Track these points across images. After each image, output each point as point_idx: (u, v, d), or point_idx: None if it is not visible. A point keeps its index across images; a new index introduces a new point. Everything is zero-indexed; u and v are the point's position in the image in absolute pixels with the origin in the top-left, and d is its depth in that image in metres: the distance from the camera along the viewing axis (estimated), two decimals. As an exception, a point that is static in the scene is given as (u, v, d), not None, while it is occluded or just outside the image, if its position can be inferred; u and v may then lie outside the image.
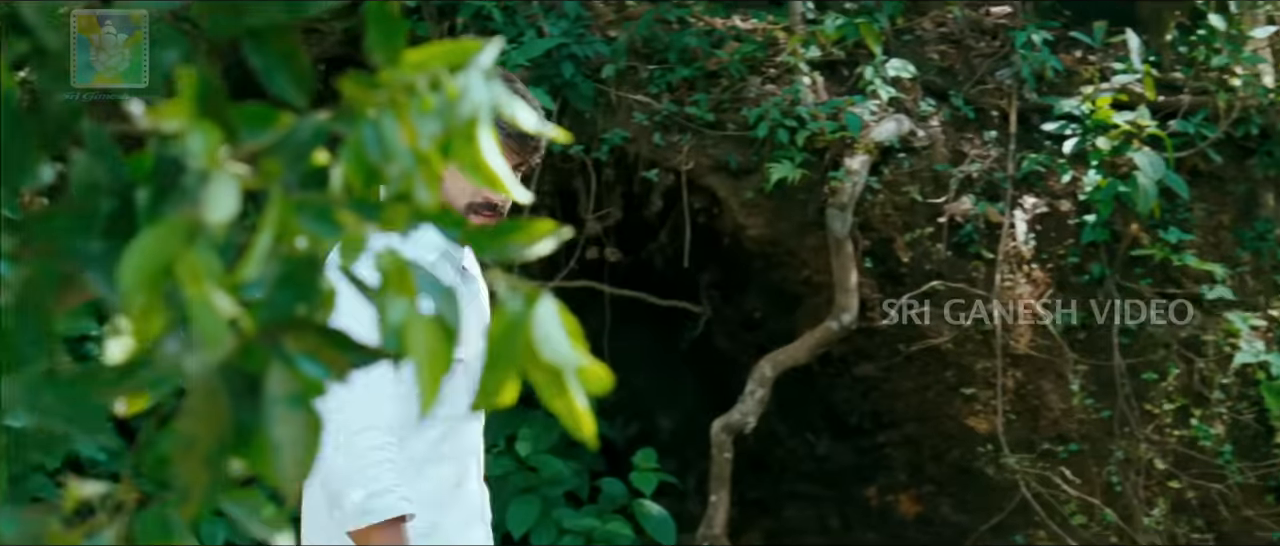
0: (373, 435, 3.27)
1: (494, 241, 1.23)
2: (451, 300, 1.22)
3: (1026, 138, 6.89)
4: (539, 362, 1.19)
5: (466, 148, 1.22)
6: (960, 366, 6.68)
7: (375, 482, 3.24)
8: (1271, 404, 6.57)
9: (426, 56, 1.23)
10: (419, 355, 1.18)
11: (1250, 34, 6.88)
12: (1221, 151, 6.84)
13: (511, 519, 6.74)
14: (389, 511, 3.24)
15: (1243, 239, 6.88)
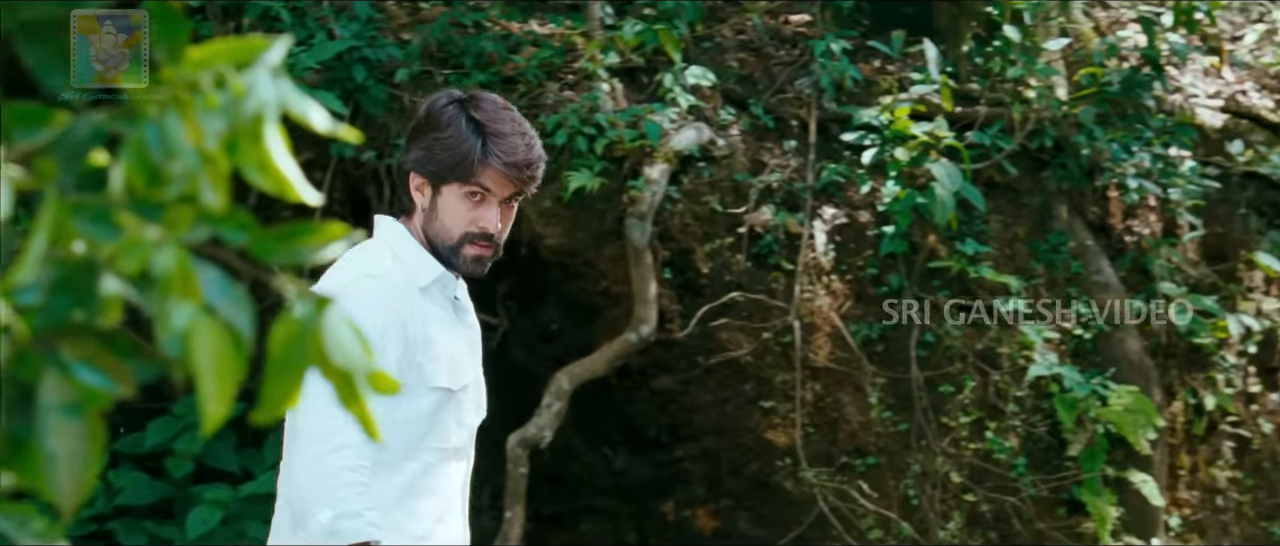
0: (346, 455, 3.21)
1: (284, 244, 1.22)
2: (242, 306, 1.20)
3: (826, 148, 7.00)
4: (329, 369, 1.18)
5: (253, 147, 1.21)
6: (759, 379, 6.76)
7: (344, 504, 3.18)
8: (1064, 416, 6.76)
9: (211, 54, 1.22)
10: (204, 362, 1.16)
11: (1044, 46, 7.08)
12: (1017, 163, 7.03)
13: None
14: (356, 535, 3.19)
15: (1037, 251, 7.07)
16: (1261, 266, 7.45)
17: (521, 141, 3.41)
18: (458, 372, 3.42)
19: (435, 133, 3.43)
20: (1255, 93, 7.87)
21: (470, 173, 3.38)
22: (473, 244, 3.41)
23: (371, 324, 3.27)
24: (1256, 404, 7.49)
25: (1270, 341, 7.51)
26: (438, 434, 3.39)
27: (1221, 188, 7.41)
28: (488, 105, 3.45)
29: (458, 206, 3.41)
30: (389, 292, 3.34)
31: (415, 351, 3.35)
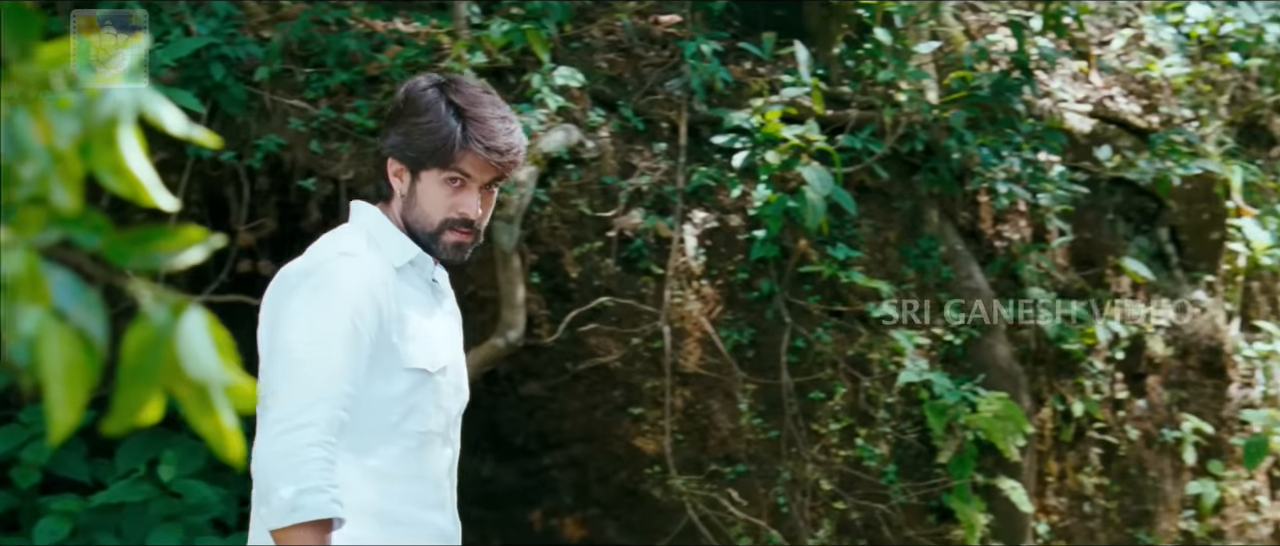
0: (310, 432, 3.20)
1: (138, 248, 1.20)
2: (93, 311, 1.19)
3: (696, 150, 7.03)
4: (184, 378, 1.17)
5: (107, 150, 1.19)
6: (629, 385, 6.77)
7: (307, 480, 3.17)
8: (934, 423, 6.84)
9: (63, 52, 1.20)
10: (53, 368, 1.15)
11: (915, 49, 7.16)
12: (888, 167, 7.11)
13: (153, 549, 6.57)
14: (318, 511, 3.17)
15: (908, 256, 7.15)
16: (1129, 272, 7.60)
17: (502, 126, 3.41)
18: (435, 354, 3.41)
19: (414, 117, 3.41)
20: (1123, 98, 8.02)
21: (450, 158, 3.37)
22: (453, 230, 3.41)
23: (343, 302, 3.28)
24: (1123, 410, 7.63)
25: (1137, 347, 7.66)
26: (415, 417, 3.38)
27: (1090, 193, 7.54)
28: (468, 89, 3.45)
29: (437, 192, 3.40)
30: (362, 272, 3.33)
31: (390, 332, 3.34)
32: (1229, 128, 8.28)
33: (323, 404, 3.21)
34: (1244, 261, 8.12)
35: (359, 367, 3.28)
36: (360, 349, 3.28)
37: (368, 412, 3.32)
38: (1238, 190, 7.95)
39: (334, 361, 3.24)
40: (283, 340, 3.28)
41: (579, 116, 6.95)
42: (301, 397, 3.20)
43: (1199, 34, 8.12)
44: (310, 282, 3.30)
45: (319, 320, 3.27)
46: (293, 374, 3.23)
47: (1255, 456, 7.68)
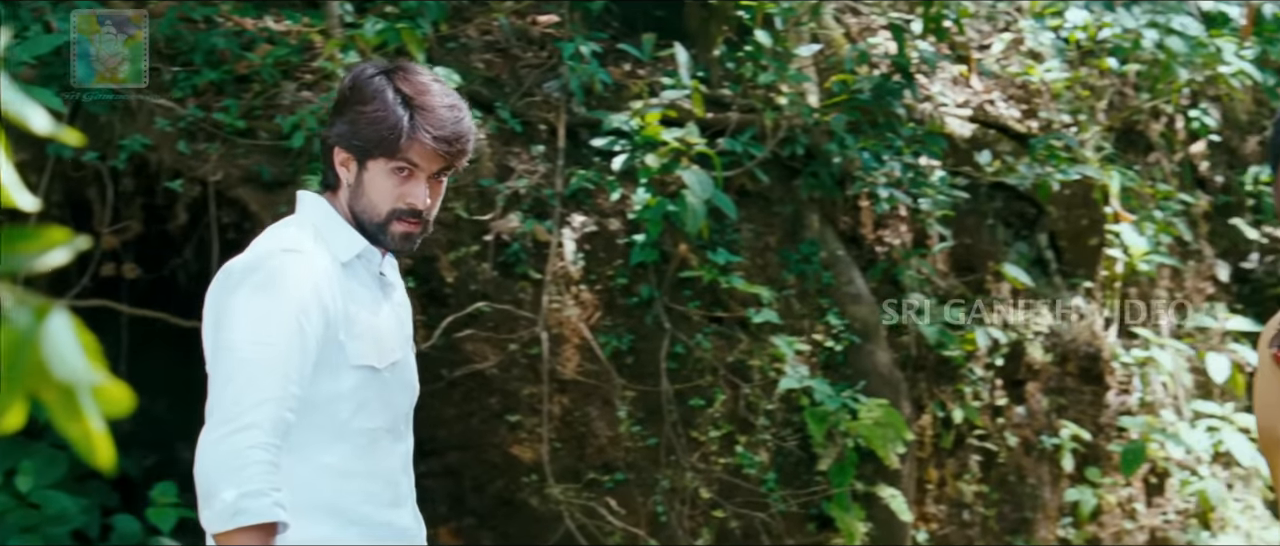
0: (254, 434, 3.17)
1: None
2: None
3: (575, 153, 7.03)
4: (50, 381, 1.14)
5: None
6: (505, 392, 6.75)
7: (249, 483, 3.13)
8: (814, 430, 6.88)
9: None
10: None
11: (795, 52, 7.21)
12: (768, 171, 7.14)
13: (12, 563, 6.46)
14: (261, 515, 3.13)
15: (788, 261, 7.19)
16: (1009, 278, 7.69)
17: (450, 114, 3.37)
18: (383, 350, 3.38)
19: (360, 105, 3.38)
20: (1003, 102, 8.12)
21: (397, 147, 3.34)
22: (401, 221, 3.37)
23: (288, 300, 3.25)
24: (1002, 417, 7.72)
25: (1017, 354, 7.75)
26: (364, 414, 3.35)
27: (970, 198, 7.62)
28: (416, 77, 3.40)
29: (384, 182, 3.37)
30: (308, 268, 3.30)
31: (337, 329, 3.31)
32: (1107, 133, 8.41)
33: (267, 405, 3.20)
34: (1122, 267, 8.25)
35: (305, 367, 3.26)
36: (305, 348, 3.26)
37: (315, 411, 3.30)
38: (1116, 196, 8.08)
39: (279, 361, 3.22)
40: (226, 339, 3.26)
41: (455, 118, 6.91)
42: (245, 399, 3.18)
43: (1078, 39, 8.25)
44: (254, 279, 3.28)
45: (263, 319, 3.25)
46: (236, 374, 3.22)
47: (1132, 463, 7.80)
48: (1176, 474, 8.21)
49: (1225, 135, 9.31)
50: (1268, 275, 9.20)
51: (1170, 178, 8.87)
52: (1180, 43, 7.95)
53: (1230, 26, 8.81)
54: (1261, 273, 9.21)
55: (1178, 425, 8.06)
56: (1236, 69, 8.17)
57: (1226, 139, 9.34)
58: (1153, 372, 8.19)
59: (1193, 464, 8.20)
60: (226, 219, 6.80)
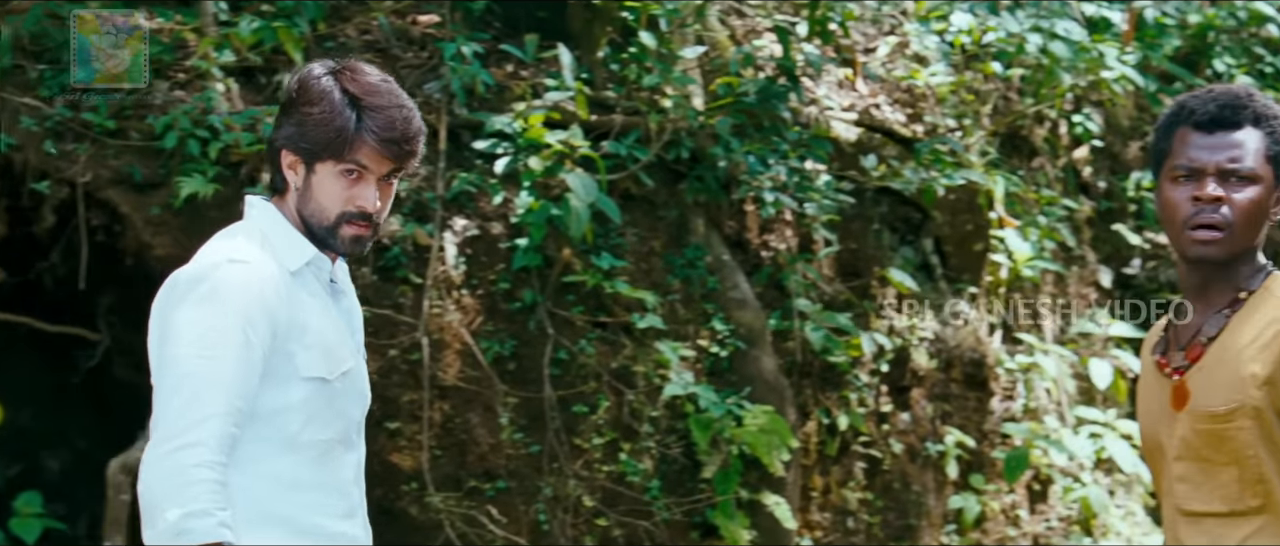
0: (198, 451, 3.14)
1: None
2: None
3: (457, 156, 7.02)
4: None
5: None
6: (385, 399, 6.72)
7: (194, 502, 3.10)
8: (699, 437, 6.92)
9: None
10: None
11: (680, 54, 7.24)
12: (653, 175, 7.17)
13: None
14: (205, 535, 3.10)
15: (673, 266, 7.22)
16: (894, 283, 7.77)
17: (400, 115, 3.35)
18: (334, 360, 3.35)
19: (307, 107, 3.34)
20: (888, 106, 8.21)
21: (345, 149, 3.31)
22: (350, 224, 3.35)
23: (234, 312, 3.22)
24: (887, 424, 7.80)
25: (902, 360, 7.84)
26: (315, 425, 3.32)
27: (856, 202, 7.70)
28: (364, 77, 3.37)
29: (333, 185, 3.34)
30: (255, 279, 3.26)
31: (286, 340, 3.29)
32: (992, 138, 8.53)
33: (212, 421, 3.18)
34: (1006, 273, 8.36)
35: (251, 380, 3.24)
36: (252, 361, 3.24)
37: (264, 423, 3.28)
38: (1000, 201, 8.20)
39: (224, 375, 3.20)
40: (171, 352, 3.23)
41: (333, 118, 6.87)
42: (189, 414, 3.17)
43: (962, 43, 8.35)
44: (200, 291, 3.24)
45: (209, 332, 3.22)
46: (181, 389, 3.20)
47: (1016, 470, 7.91)
48: (1059, 480, 8.34)
49: (1108, 140, 9.47)
50: (1150, 281, 9.37)
51: (1054, 183, 9.01)
52: (1063, 48, 8.08)
53: (1112, 31, 8.97)
54: (1143, 278, 9.38)
55: (1061, 432, 8.19)
56: (1119, 74, 8.32)
57: (1109, 144, 9.50)
58: (1037, 379, 8.31)
59: (1075, 470, 8.33)
60: (96, 221, 6.71)
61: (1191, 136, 3.42)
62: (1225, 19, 10.08)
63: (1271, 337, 3.32)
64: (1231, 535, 3.35)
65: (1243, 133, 3.40)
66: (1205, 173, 3.39)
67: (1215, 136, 3.40)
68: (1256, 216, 3.38)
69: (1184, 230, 3.39)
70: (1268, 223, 3.42)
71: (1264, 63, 10.15)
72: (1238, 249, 3.39)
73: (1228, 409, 3.33)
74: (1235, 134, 3.40)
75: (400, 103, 3.38)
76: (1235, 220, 3.37)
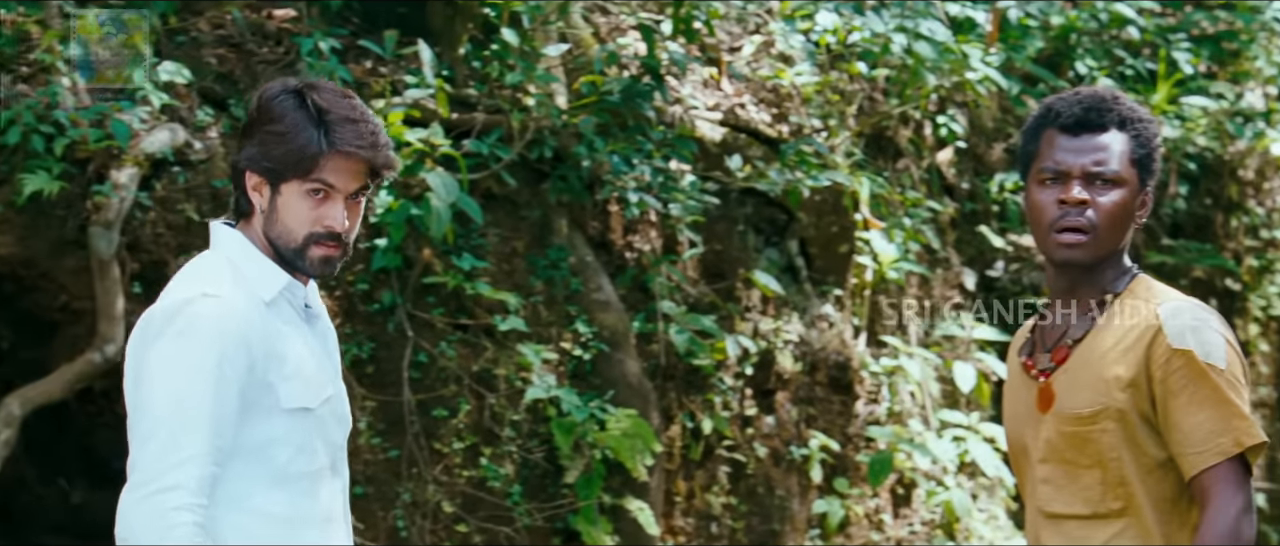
0: (179, 495, 3.14)
1: None
2: None
3: (313, 154, 6.98)
4: None
5: None
6: (238, 403, 6.69)
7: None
8: (561, 441, 6.95)
9: None
10: None
11: (543, 51, 7.27)
12: (516, 174, 7.19)
13: None
14: None
15: (536, 267, 7.25)
16: (759, 285, 7.86)
17: (366, 129, 3.33)
18: (315, 388, 3.35)
19: (269, 125, 3.32)
20: (753, 106, 8.29)
21: (311, 167, 3.30)
22: (319, 245, 3.34)
23: (208, 349, 3.21)
24: (752, 427, 7.88)
25: (767, 363, 7.92)
26: (303, 457, 3.32)
27: (720, 203, 7.77)
28: (327, 93, 3.35)
29: (299, 205, 3.33)
30: (228, 313, 3.25)
31: (266, 372, 3.28)
32: (857, 139, 8.65)
33: (190, 463, 3.17)
34: (871, 275, 8.48)
35: (229, 418, 3.23)
36: (229, 398, 3.23)
37: (251, 459, 3.27)
38: (865, 202, 8.31)
39: (202, 415, 3.20)
40: (146, 393, 3.23)
41: (186, 115, 6.84)
42: (168, 456, 3.16)
43: (828, 42, 8.46)
44: (173, 328, 3.24)
45: (184, 371, 3.21)
46: (157, 430, 3.20)
47: (879, 474, 8.02)
48: (923, 484, 8.47)
49: (972, 142, 9.63)
50: (1013, 283, 9.54)
51: (918, 184, 9.15)
52: (928, 48, 8.20)
53: (977, 32, 9.13)
54: (1007, 281, 9.55)
55: (925, 435, 8.31)
56: (982, 75, 8.46)
57: (973, 146, 9.66)
58: (901, 382, 8.44)
59: (939, 474, 8.47)
60: (-65, 219, 6.62)
61: (1058, 139, 3.50)
62: (1087, 21, 10.29)
63: (1135, 340, 3.41)
64: (1093, 537, 3.43)
65: (1108, 135, 3.49)
66: (1070, 175, 3.47)
67: (1080, 139, 3.49)
68: (1121, 219, 3.48)
69: (1050, 233, 3.48)
70: (1133, 225, 3.51)
71: (1125, 65, 10.38)
72: (1103, 252, 3.48)
73: (1092, 411, 3.42)
74: (1100, 136, 3.49)
75: (364, 117, 3.37)
76: (1100, 223, 3.46)
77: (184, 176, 6.75)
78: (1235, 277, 10.75)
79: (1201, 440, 3.36)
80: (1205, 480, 3.36)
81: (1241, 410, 3.38)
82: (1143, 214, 3.54)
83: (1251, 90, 10.99)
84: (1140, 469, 3.41)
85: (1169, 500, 3.42)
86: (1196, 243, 10.61)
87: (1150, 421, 3.41)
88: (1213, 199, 10.90)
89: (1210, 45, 10.75)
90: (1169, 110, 10.15)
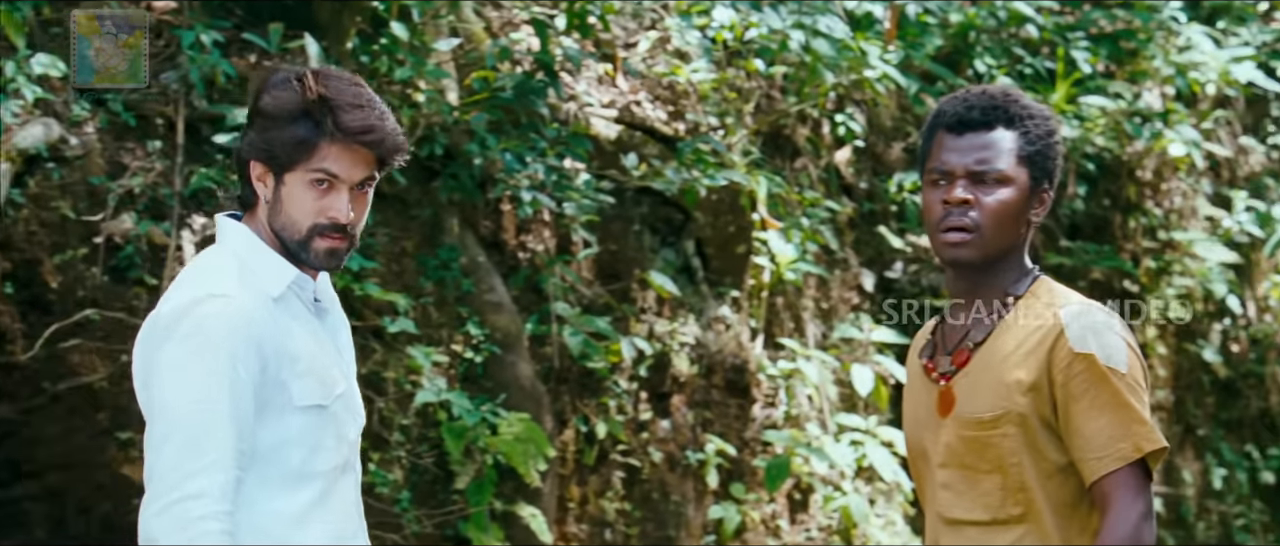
0: (204, 503, 3.12)
1: None
2: None
3: (196, 150, 6.94)
4: None
5: None
6: (116, 407, 6.63)
7: None
8: (452, 446, 6.94)
9: None
10: None
11: (434, 46, 7.25)
12: (405, 172, 7.17)
13: None
14: None
15: (426, 267, 7.23)
16: (655, 286, 7.88)
17: (370, 115, 3.29)
18: (328, 384, 3.32)
19: (270, 112, 3.29)
20: (649, 103, 8.31)
21: (313, 155, 3.26)
22: (323, 236, 3.29)
23: (221, 350, 3.18)
24: (647, 432, 7.90)
25: (662, 365, 7.94)
26: (319, 455, 3.29)
27: (616, 203, 7.78)
28: (331, 79, 3.31)
29: (303, 196, 3.28)
30: (237, 312, 3.22)
31: (278, 371, 3.25)
32: (754, 137, 8.69)
33: (213, 469, 3.14)
34: (769, 276, 8.52)
35: (246, 419, 3.20)
36: (245, 399, 3.20)
37: (266, 460, 3.25)
38: (763, 202, 8.35)
39: (220, 419, 3.16)
40: (160, 398, 3.19)
41: (60, 110, 6.77)
42: (187, 463, 3.13)
43: (724, 39, 8.49)
44: (182, 330, 3.20)
45: (198, 375, 3.18)
46: (173, 436, 3.16)
47: (776, 479, 8.06)
48: (820, 489, 8.52)
49: (870, 141, 9.70)
50: (912, 284, 9.62)
51: (817, 184, 9.21)
52: (826, 45, 8.26)
53: (876, 29, 9.19)
54: (906, 282, 9.63)
55: (822, 439, 8.37)
56: (881, 73, 8.53)
57: (871, 145, 9.73)
58: (798, 385, 8.49)
59: (837, 479, 8.52)
60: None
61: (945, 139, 3.54)
62: (986, 19, 10.40)
63: (1037, 344, 3.44)
64: (993, 543, 3.47)
65: (995, 134, 3.52)
66: (954, 175, 3.51)
67: (965, 138, 3.52)
68: (1007, 218, 3.50)
69: (937, 232, 3.52)
70: (1027, 224, 3.54)
71: (1024, 63, 10.50)
72: (990, 251, 3.51)
73: (993, 415, 3.45)
74: (986, 135, 3.52)
75: (369, 102, 3.33)
76: (984, 222, 3.49)
77: (58, 173, 6.67)
78: (1133, 279, 10.90)
79: (1102, 445, 3.40)
80: (1106, 485, 3.40)
81: (1142, 415, 3.42)
82: (1039, 212, 3.57)
83: (1149, 90, 11.15)
84: (1040, 474, 3.45)
85: (1069, 505, 3.46)
86: (1094, 244, 10.75)
87: (1051, 426, 3.44)
88: (1111, 200, 11.05)
89: (1108, 44, 10.89)
90: (1067, 110, 10.28)
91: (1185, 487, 11.16)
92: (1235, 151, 12.19)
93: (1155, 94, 11.21)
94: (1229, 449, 11.56)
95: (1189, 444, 11.35)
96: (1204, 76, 10.97)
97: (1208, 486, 11.33)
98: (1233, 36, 11.66)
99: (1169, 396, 11.21)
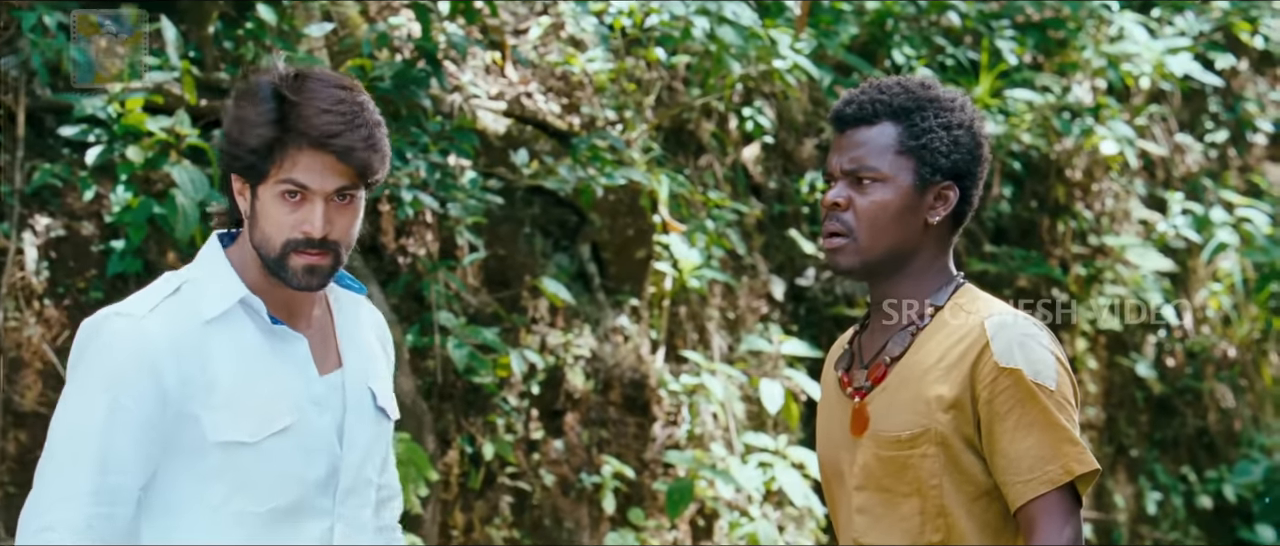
0: (56, 534, 3.14)
1: None
2: None
3: (39, 144, 6.89)
4: None
5: None
6: (-48, 427, 6.56)
7: None
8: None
9: None
10: None
11: (304, 31, 7.22)
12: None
13: None
14: None
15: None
16: (547, 294, 7.86)
17: (339, 119, 3.24)
18: (262, 419, 3.24)
19: (237, 117, 3.26)
20: (541, 95, 8.30)
21: (280, 163, 3.20)
22: (299, 253, 3.24)
23: (105, 374, 3.16)
24: (538, 452, 7.89)
25: (555, 380, 7.93)
26: (243, 496, 3.23)
27: (505, 203, 7.76)
28: (311, 81, 3.27)
29: (276, 209, 3.23)
30: (135, 335, 3.18)
31: (187, 401, 3.19)
32: (655, 132, 8.69)
33: (71, 503, 3.14)
34: (671, 283, 8.52)
35: (126, 450, 3.16)
36: (126, 427, 3.16)
37: (178, 498, 3.22)
38: (664, 203, 8.35)
39: (86, 451, 3.15)
40: (52, 422, 3.22)
41: (-109, 98, 6.69)
42: (47, 495, 3.15)
43: (623, 26, 8.49)
44: (82, 348, 3.23)
45: (76, 402, 3.18)
46: (45, 464, 3.18)
47: (678, 504, 8.06)
48: (726, 514, 8.53)
49: (780, 137, 9.73)
50: (825, 293, 9.65)
51: (723, 183, 9.22)
52: (733, 34, 8.27)
53: (786, 17, 9.22)
54: (818, 290, 9.66)
55: (728, 461, 8.37)
56: (792, 64, 8.55)
57: (781, 141, 9.76)
58: (703, 402, 8.49)
59: (743, 503, 8.53)
60: None
61: (834, 138, 3.55)
62: (904, 6, 10.45)
63: (959, 357, 3.44)
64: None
65: (875, 129, 3.52)
66: (834, 177, 3.52)
67: (846, 136, 3.54)
68: (885, 220, 3.49)
69: (823, 237, 3.54)
70: (923, 226, 3.51)
71: (945, 54, 10.56)
72: (870, 256, 3.50)
73: (911, 434, 3.45)
74: (866, 131, 3.52)
75: (338, 105, 3.27)
76: (856, 226, 3.49)
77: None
78: (1062, 288, 10.98)
79: (1029, 467, 3.41)
80: (1032, 510, 3.41)
81: (1072, 435, 3.43)
82: (938, 211, 3.53)
83: (1079, 83, 11.25)
84: (963, 497, 3.45)
85: (994, 531, 3.47)
86: (1021, 249, 10.83)
87: (974, 446, 3.44)
88: (1038, 201, 11.14)
89: (1035, 33, 10.97)
90: (992, 104, 10.34)
91: (1117, 512, 11.26)
92: (1171, 149, 12.33)
93: (1085, 87, 11.31)
94: (1164, 471, 11.67)
95: (1121, 465, 11.46)
96: (1138, 69, 11.07)
97: (1141, 511, 11.44)
98: (1168, 26, 11.79)
99: (1100, 414, 11.30)
